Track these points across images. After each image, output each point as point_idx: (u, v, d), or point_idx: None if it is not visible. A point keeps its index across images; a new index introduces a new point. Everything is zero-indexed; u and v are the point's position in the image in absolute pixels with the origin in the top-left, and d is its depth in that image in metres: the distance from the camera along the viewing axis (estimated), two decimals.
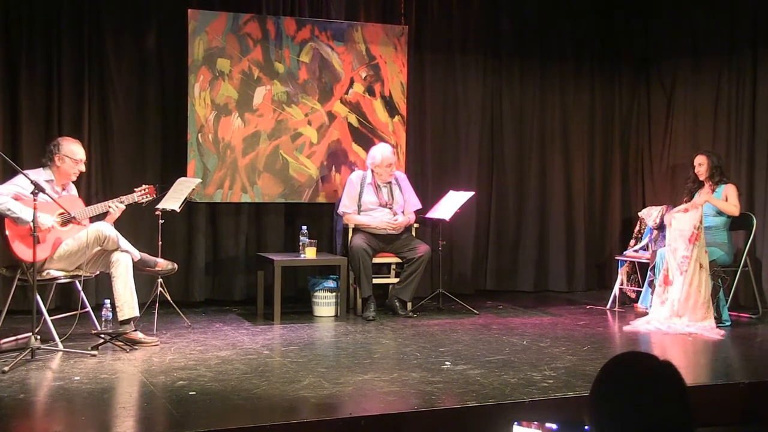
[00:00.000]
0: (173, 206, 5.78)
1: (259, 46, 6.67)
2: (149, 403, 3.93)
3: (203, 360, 4.74)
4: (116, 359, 4.77)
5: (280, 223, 6.92)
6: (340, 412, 3.77)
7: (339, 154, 6.92)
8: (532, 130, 7.72)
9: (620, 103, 8.04)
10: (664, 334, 5.68)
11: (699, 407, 3.77)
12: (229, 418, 3.67)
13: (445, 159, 7.42)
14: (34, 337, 4.65)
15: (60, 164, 5.19)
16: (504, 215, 7.65)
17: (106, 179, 6.42)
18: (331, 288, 6.26)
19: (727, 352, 5.29)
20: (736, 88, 7.10)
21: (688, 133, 7.54)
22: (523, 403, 3.87)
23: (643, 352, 1.89)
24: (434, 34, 7.34)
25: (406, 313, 6.32)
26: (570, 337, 5.55)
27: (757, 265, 6.66)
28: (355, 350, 5.10)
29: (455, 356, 4.87)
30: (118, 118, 6.44)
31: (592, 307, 6.85)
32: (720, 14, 7.25)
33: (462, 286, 7.36)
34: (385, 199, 6.48)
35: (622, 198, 8.01)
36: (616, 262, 7.04)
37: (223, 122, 6.59)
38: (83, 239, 5.05)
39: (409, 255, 6.37)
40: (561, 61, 7.77)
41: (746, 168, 6.96)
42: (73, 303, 5.73)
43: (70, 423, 3.70)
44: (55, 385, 4.19)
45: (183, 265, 6.36)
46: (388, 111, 7.05)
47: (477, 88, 7.50)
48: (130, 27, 6.46)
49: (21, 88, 6.15)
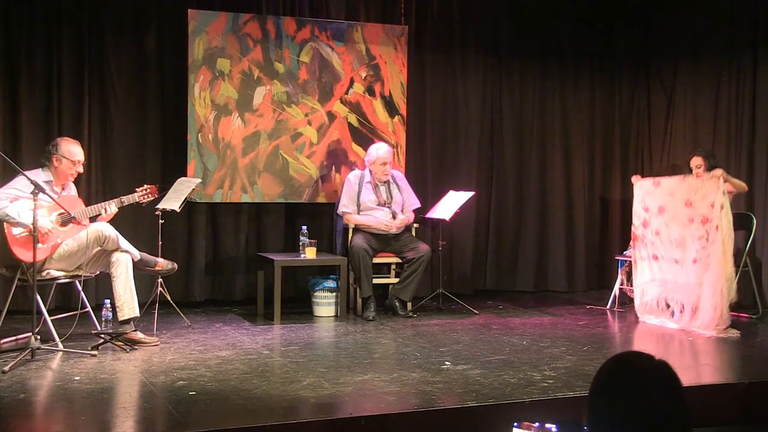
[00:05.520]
0: (173, 206, 5.78)
1: (259, 46, 6.67)
2: (149, 403, 3.93)
3: (203, 360, 4.74)
4: (116, 359, 4.77)
5: (280, 223, 6.93)
6: (340, 412, 3.77)
7: (339, 154, 6.92)
8: (532, 130, 7.72)
9: (620, 103, 8.04)
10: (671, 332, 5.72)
11: (699, 407, 3.79)
12: (229, 418, 3.67)
13: (445, 159, 7.42)
14: (34, 337, 4.65)
15: (57, 164, 5.19)
16: (504, 215, 7.66)
17: (106, 179, 6.42)
18: (331, 288, 6.26)
19: (727, 352, 5.29)
20: (736, 88, 7.10)
21: (688, 133, 7.54)
22: (523, 403, 3.87)
23: (640, 352, 1.89)
24: (434, 34, 7.34)
25: (406, 313, 6.32)
26: (570, 337, 5.55)
27: (757, 265, 6.66)
28: (355, 350, 5.10)
29: (455, 356, 4.87)
30: (118, 118, 6.44)
31: (592, 307, 6.86)
32: (720, 14, 7.25)
33: (462, 286, 7.36)
34: (383, 197, 6.48)
35: (622, 198, 8.01)
36: (616, 262, 7.04)
37: (223, 122, 6.59)
38: (83, 239, 5.05)
39: (409, 255, 6.37)
40: (561, 61, 7.77)
41: (746, 168, 6.96)
42: (73, 303, 5.72)
43: (70, 423, 3.70)
44: (55, 385, 4.20)
45: (183, 265, 6.36)
46: (388, 111, 7.06)
47: (477, 88, 7.50)
48: (130, 27, 6.46)
49: (21, 88, 6.15)
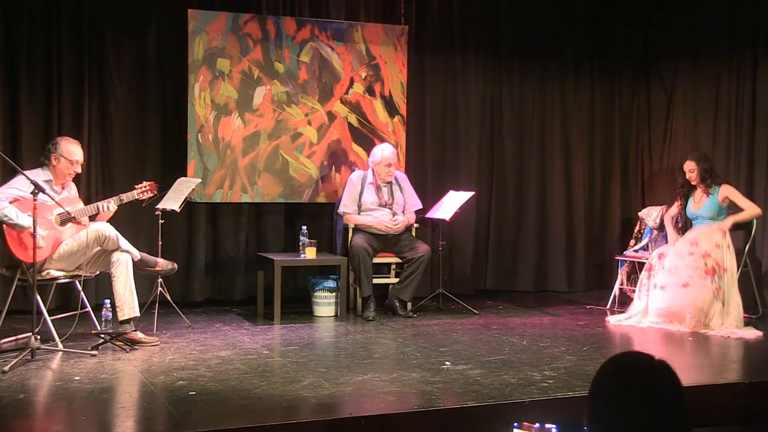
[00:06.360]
0: (173, 206, 5.78)
1: (259, 46, 6.67)
2: (149, 403, 3.93)
3: (203, 360, 4.74)
4: (116, 359, 4.77)
5: (280, 223, 6.92)
6: (340, 412, 3.77)
7: (339, 154, 6.92)
8: (532, 130, 7.72)
9: (620, 103, 8.04)
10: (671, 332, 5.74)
11: (699, 407, 3.79)
12: (229, 418, 3.67)
13: (445, 159, 7.42)
14: (34, 337, 4.65)
15: (56, 163, 5.18)
16: (504, 215, 7.65)
17: (106, 179, 6.42)
18: (331, 288, 6.26)
19: (727, 352, 5.29)
20: (736, 88, 7.09)
21: (688, 133, 7.54)
22: (523, 403, 3.87)
23: (640, 352, 1.89)
24: (434, 34, 7.33)
25: (406, 313, 6.32)
26: (570, 337, 5.55)
27: (757, 265, 6.66)
28: (355, 350, 5.10)
29: (455, 356, 4.87)
30: (118, 118, 6.44)
31: (592, 307, 6.86)
32: (720, 14, 7.24)
33: (462, 286, 7.36)
34: (385, 199, 6.48)
35: (622, 198, 8.01)
36: (616, 262, 7.04)
37: (223, 122, 6.59)
38: (83, 239, 5.05)
39: (409, 255, 6.36)
40: (561, 61, 7.77)
41: (746, 168, 6.96)
42: (73, 303, 5.72)
43: (70, 423, 3.70)
44: (55, 385, 4.20)
45: (183, 265, 6.36)
46: (388, 111, 7.05)
47: (477, 88, 7.50)
48: (130, 27, 6.46)
49: (21, 88, 6.14)
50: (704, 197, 6.24)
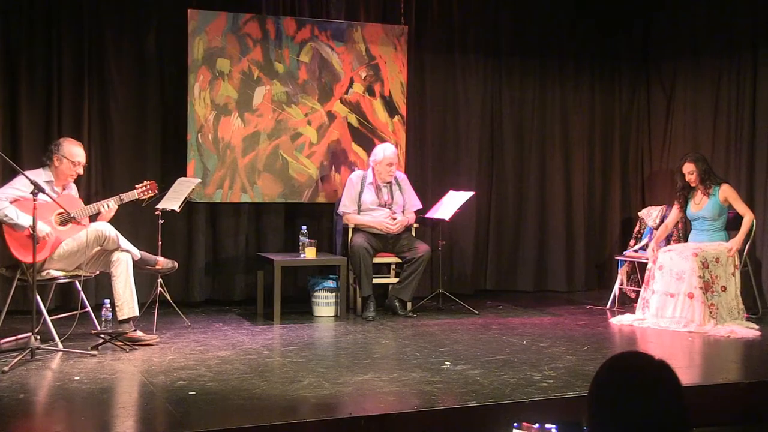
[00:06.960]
0: (173, 206, 5.78)
1: (259, 46, 6.67)
2: (149, 403, 3.94)
3: (203, 360, 4.74)
4: (116, 359, 4.77)
5: (280, 223, 6.92)
6: (340, 412, 3.77)
7: (339, 154, 6.92)
8: (532, 130, 7.71)
9: (620, 103, 8.04)
10: (671, 332, 5.74)
11: (699, 407, 3.79)
12: (229, 418, 3.67)
13: (445, 159, 7.42)
14: (34, 337, 4.65)
15: (58, 164, 5.19)
16: (504, 215, 7.65)
17: (106, 179, 6.41)
18: (331, 288, 6.26)
19: (727, 352, 5.29)
20: (736, 88, 7.09)
21: (688, 133, 7.53)
22: (522, 403, 3.87)
23: (639, 352, 1.89)
24: (434, 34, 7.33)
25: (406, 313, 6.32)
26: (570, 337, 5.55)
27: (757, 265, 6.66)
28: (355, 350, 5.10)
29: (455, 356, 4.87)
30: (118, 118, 6.44)
31: (592, 307, 6.85)
32: (720, 14, 7.24)
33: (462, 286, 7.36)
34: (385, 199, 6.48)
35: (621, 198, 8.01)
36: (616, 262, 7.04)
37: (223, 122, 6.59)
38: (83, 239, 5.05)
39: (409, 255, 6.36)
40: (561, 61, 7.77)
41: (746, 168, 6.95)
42: (73, 303, 5.72)
43: (70, 423, 3.70)
44: (54, 385, 4.20)
45: (183, 265, 6.35)
46: (388, 111, 7.05)
47: (477, 88, 7.49)
48: (130, 27, 6.46)
49: (21, 88, 6.14)
50: (705, 198, 6.23)
